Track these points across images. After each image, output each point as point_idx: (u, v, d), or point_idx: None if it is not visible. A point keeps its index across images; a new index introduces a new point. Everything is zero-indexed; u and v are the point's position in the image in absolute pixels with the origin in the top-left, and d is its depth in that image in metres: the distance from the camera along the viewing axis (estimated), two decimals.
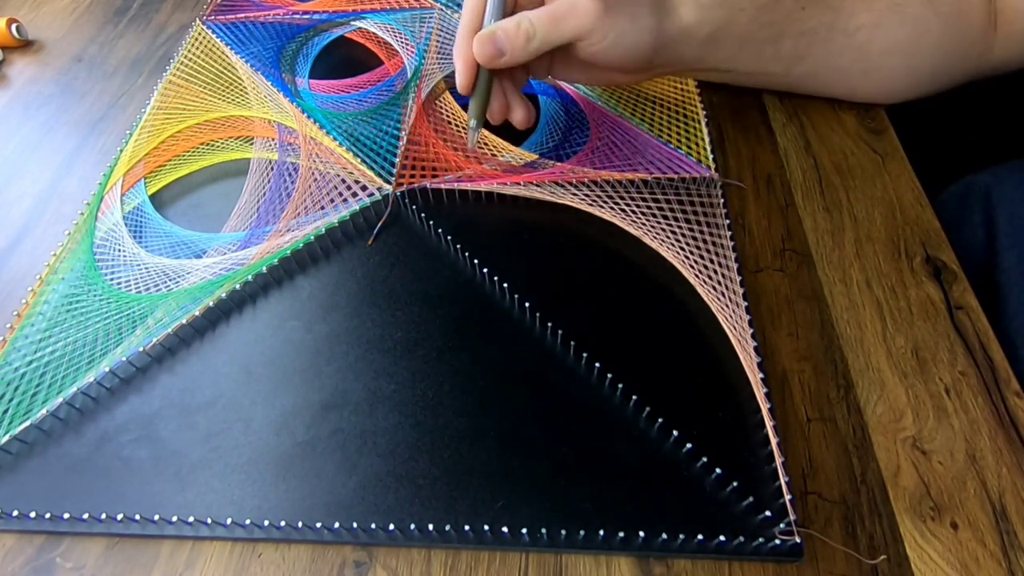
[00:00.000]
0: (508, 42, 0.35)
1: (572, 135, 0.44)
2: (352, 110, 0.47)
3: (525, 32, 0.35)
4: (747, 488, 0.29)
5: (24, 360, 0.34)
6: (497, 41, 0.35)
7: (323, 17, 0.55)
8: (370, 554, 0.29)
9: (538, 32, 0.35)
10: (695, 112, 0.45)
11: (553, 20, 0.35)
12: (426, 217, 0.40)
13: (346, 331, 0.35)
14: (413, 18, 0.54)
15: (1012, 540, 0.28)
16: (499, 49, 0.35)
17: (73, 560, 0.29)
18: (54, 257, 0.39)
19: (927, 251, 0.38)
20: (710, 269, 0.36)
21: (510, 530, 0.28)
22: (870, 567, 0.27)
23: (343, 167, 0.43)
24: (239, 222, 0.40)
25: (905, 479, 0.30)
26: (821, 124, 0.45)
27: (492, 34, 0.35)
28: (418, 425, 0.32)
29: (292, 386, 0.33)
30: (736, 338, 0.33)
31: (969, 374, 0.33)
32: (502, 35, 0.35)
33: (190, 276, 0.37)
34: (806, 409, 0.32)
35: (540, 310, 0.35)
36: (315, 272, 0.38)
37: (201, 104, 0.47)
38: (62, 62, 0.54)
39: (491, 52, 0.35)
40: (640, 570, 0.28)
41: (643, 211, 0.39)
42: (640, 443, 0.31)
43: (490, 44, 0.35)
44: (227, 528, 0.29)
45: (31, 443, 0.32)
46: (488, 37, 0.35)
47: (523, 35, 0.35)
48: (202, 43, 0.52)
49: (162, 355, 0.35)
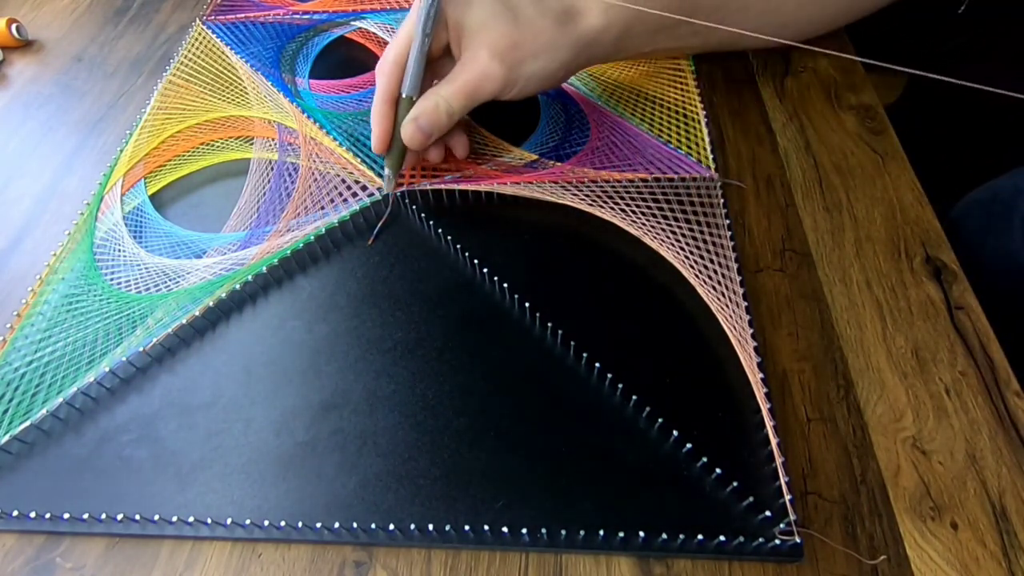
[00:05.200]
0: (431, 125, 0.37)
1: (572, 135, 0.44)
2: (352, 110, 0.47)
3: (445, 112, 0.37)
4: (747, 488, 0.29)
5: (24, 360, 0.34)
6: (422, 128, 0.37)
7: (323, 17, 0.55)
8: (370, 554, 0.29)
9: (455, 108, 0.37)
10: (695, 112, 0.45)
11: (466, 95, 0.37)
12: (426, 217, 0.40)
13: (346, 331, 0.35)
14: None
15: (1012, 540, 0.28)
16: (425, 134, 0.37)
17: (73, 560, 0.29)
18: (54, 257, 0.39)
19: (927, 251, 0.38)
20: (710, 269, 0.36)
21: (510, 530, 0.28)
22: (870, 567, 0.27)
23: (343, 167, 0.43)
24: (239, 222, 0.40)
25: (905, 479, 0.30)
26: (821, 124, 0.45)
27: (415, 122, 0.37)
28: (418, 425, 0.32)
29: (292, 386, 0.33)
30: (736, 338, 0.33)
31: (969, 374, 0.33)
32: (424, 121, 0.37)
33: (190, 276, 0.37)
34: (806, 409, 0.32)
35: (540, 310, 0.35)
36: (315, 272, 0.38)
37: (201, 104, 0.47)
38: (62, 62, 0.54)
39: (420, 138, 0.38)
40: (640, 570, 0.28)
41: (643, 211, 0.39)
42: (640, 443, 0.30)
43: (417, 132, 0.37)
44: (227, 528, 0.29)
45: (31, 443, 0.32)
46: (414, 127, 0.37)
47: (443, 115, 0.37)
48: (202, 43, 0.52)
49: (162, 355, 0.35)
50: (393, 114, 0.38)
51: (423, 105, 0.37)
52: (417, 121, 0.37)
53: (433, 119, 0.37)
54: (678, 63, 0.49)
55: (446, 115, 0.37)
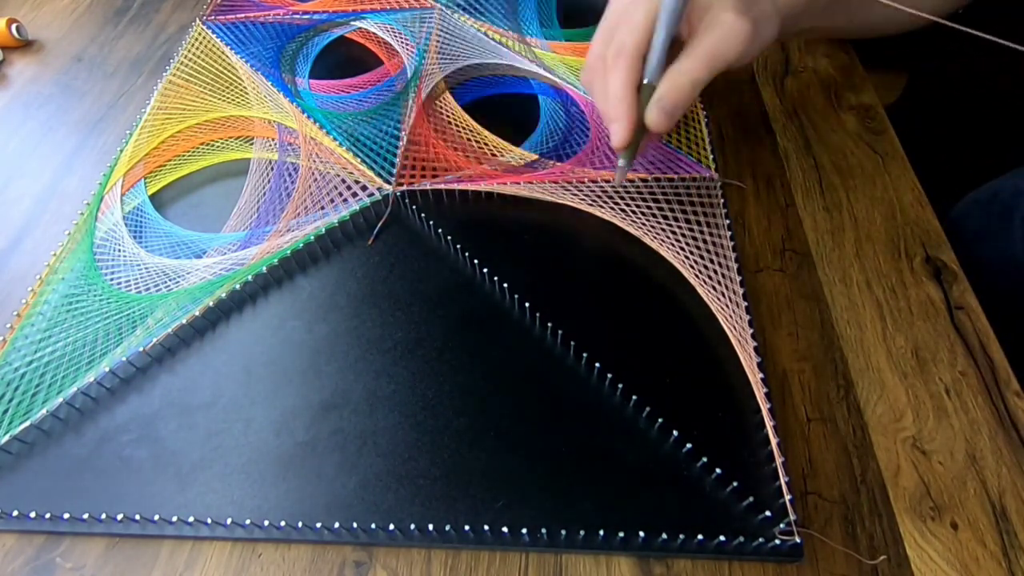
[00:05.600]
0: (676, 104, 0.34)
1: (572, 135, 0.44)
2: (352, 110, 0.47)
3: (691, 86, 0.34)
4: (747, 488, 0.29)
5: (24, 360, 0.34)
6: (666, 109, 0.34)
7: (323, 17, 0.55)
8: (370, 554, 0.29)
9: (700, 79, 0.34)
10: (695, 112, 0.45)
11: (709, 60, 0.34)
12: (426, 217, 0.40)
13: (346, 331, 0.35)
14: (413, 18, 0.54)
15: (1012, 540, 0.28)
16: (672, 115, 0.35)
17: (73, 560, 0.29)
18: (54, 257, 0.39)
19: (927, 251, 0.38)
20: (710, 269, 0.36)
21: (510, 530, 0.28)
22: (870, 567, 0.27)
23: (343, 167, 0.43)
24: (239, 222, 0.40)
25: (905, 479, 0.30)
26: (821, 124, 0.45)
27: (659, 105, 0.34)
28: (418, 425, 0.32)
29: (292, 386, 0.33)
30: (736, 338, 0.33)
31: (969, 374, 0.33)
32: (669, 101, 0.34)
33: (190, 276, 0.37)
34: (806, 409, 0.32)
35: (540, 310, 0.35)
36: (315, 272, 0.38)
37: (201, 104, 0.47)
38: (62, 62, 0.54)
39: (667, 121, 0.35)
40: (640, 570, 0.28)
41: (643, 211, 0.39)
42: (640, 443, 0.30)
43: (663, 115, 0.34)
44: (227, 528, 0.29)
45: (31, 443, 0.32)
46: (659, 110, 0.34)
47: (689, 91, 0.34)
48: (202, 43, 0.52)
49: (162, 355, 0.35)
50: (639, 103, 0.35)
51: (666, 86, 0.34)
52: (662, 103, 0.34)
53: (678, 97, 0.34)
54: None
55: (691, 90, 0.34)
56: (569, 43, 0.51)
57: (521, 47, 0.50)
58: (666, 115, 0.34)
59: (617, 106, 0.35)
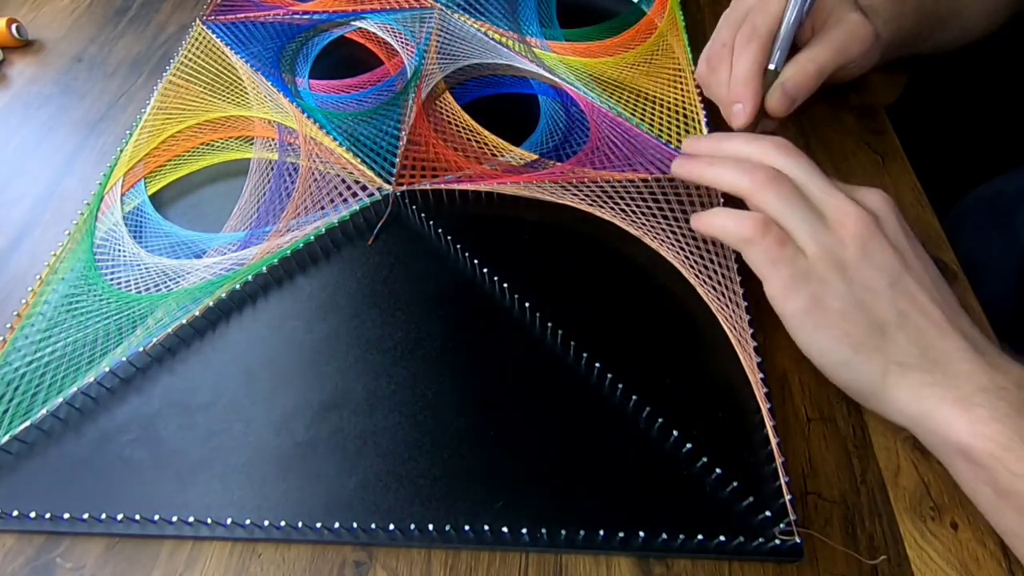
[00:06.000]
0: (799, 89, 0.36)
1: (572, 135, 0.44)
2: (352, 110, 0.47)
3: (816, 73, 0.36)
4: (747, 488, 0.29)
5: (24, 360, 0.34)
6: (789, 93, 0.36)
7: (323, 17, 0.55)
8: (370, 554, 0.29)
9: (826, 66, 0.36)
10: (695, 112, 0.45)
11: (836, 52, 0.36)
12: (426, 217, 0.40)
13: (346, 331, 0.35)
14: (413, 18, 0.54)
15: None
16: (793, 100, 0.36)
17: (73, 560, 0.29)
18: (54, 257, 0.39)
19: (927, 251, 0.38)
20: (710, 269, 0.36)
21: (510, 530, 0.28)
22: (870, 567, 0.27)
23: (343, 167, 0.43)
24: (239, 222, 0.40)
25: (905, 479, 0.30)
26: (821, 124, 0.45)
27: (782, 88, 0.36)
28: (418, 425, 0.32)
29: (292, 386, 0.33)
30: (736, 338, 0.33)
31: None
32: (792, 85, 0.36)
33: (190, 276, 0.37)
34: (806, 409, 0.32)
35: (540, 310, 0.35)
36: (315, 272, 0.38)
37: (201, 104, 0.47)
38: (62, 62, 0.54)
39: (787, 105, 0.36)
40: (640, 570, 0.28)
41: (643, 211, 0.39)
42: (640, 443, 0.31)
43: (785, 98, 0.36)
44: (227, 528, 0.29)
45: (31, 443, 0.32)
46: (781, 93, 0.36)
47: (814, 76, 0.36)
48: (202, 43, 0.52)
49: (162, 355, 0.35)
50: (763, 88, 0.37)
51: (793, 69, 0.36)
52: (785, 86, 0.36)
53: (804, 81, 0.36)
54: (678, 63, 0.49)
55: (816, 76, 0.36)
56: (569, 43, 0.51)
57: (521, 47, 0.50)
58: (788, 99, 0.36)
59: (745, 87, 0.36)
